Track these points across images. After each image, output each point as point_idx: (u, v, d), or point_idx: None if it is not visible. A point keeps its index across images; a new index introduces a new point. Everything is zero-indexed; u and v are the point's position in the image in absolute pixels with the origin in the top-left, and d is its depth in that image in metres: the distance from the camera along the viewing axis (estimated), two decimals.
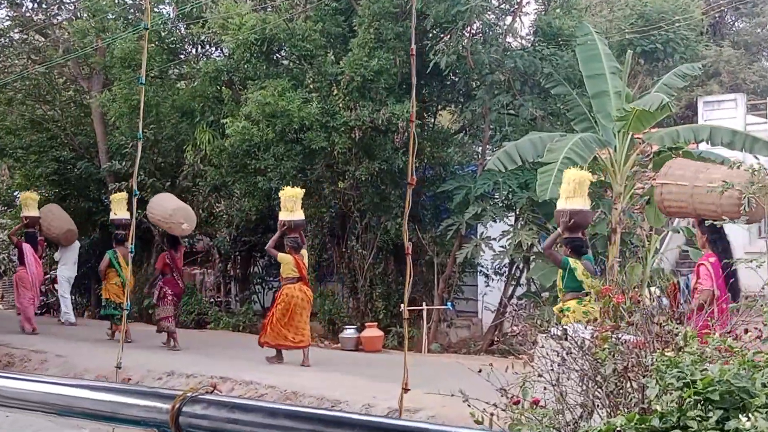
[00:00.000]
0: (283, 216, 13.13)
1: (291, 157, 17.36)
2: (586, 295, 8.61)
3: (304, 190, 13.97)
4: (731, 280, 8.08)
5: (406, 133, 16.21)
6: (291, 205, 13.13)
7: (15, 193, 26.09)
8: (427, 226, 18.26)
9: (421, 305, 16.34)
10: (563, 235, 10.17)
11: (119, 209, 16.61)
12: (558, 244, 10.39)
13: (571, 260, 9.96)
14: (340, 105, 16.82)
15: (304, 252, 13.33)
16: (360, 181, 17.35)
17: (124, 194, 17.33)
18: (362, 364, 12.62)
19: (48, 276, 21.83)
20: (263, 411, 1.41)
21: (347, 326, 16.82)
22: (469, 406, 4.79)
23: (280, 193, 13.57)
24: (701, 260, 8.78)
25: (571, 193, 10.22)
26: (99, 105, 20.48)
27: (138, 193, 4.88)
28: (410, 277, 2.32)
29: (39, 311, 21.62)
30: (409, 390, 2.06)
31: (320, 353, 13.37)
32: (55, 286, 21.36)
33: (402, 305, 15.28)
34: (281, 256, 13.11)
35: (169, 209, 15.40)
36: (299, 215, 13.24)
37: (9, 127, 23.85)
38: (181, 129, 20.34)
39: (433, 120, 19.28)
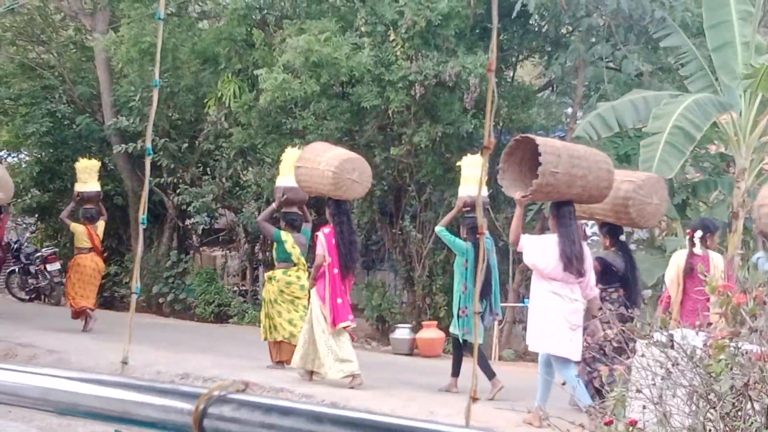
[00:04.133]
0: (78, 187, 16.28)
1: (335, 115, 17.39)
2: (294, 265, 12.68)
3: (99, 163, 17.04)
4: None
5: (478, 91, 16.14)
6: (86, 176, 16.26)
7: (1, 153, 26.52)
8: (501, 204, 18.19)
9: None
10: (281, 210, 12.93)
11: None
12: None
13: (282, 233, 12.72)
14: (398, 54, 16.77)
15: (99, 224, 16.35)
16: (419, 148, 17.34)
17: None
18: (418, 372, 12.68)
19: (39, 254, 22.22)
20: (306, 415, 1.43)
21: (400, 325, 16.88)
22: (549, 425, 4.81)
23: (76, 165, 16.79)
24: (319, 231, 11.84)
25: (286, 171, 12.63)
26: (103, 48, 20.69)
27: (152, 153, 4.91)
28: (483, 263, 2.33)
29: (28, 297, 22.08)
30: (478, 399, 2.08)
31: (367, 357, 13.44)
32: (47, 266, 21.73)
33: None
34: (73, 226, 16.21)
35: None
36: (93, 186, 16.30)
37: None
38: (203, 79, 20.49)
39: (512, 74, 19.18)
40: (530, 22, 17.90)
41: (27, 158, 25.88)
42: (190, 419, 1.53)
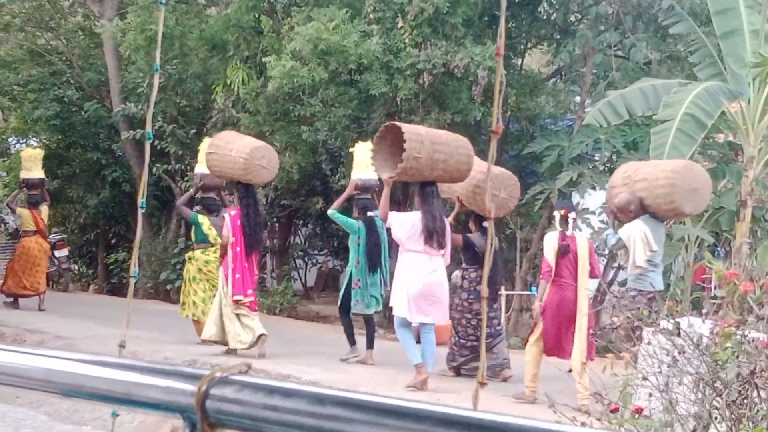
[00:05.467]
0: (23, 174, 17.57)
1: (344, 103, 17.37)
2: (212, 246, 13.57)
3: (43, 151, 18.19)
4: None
5: (487, 82, 16.11)
6: (30, 164, 17.47)
7: (10, 139, 26.56)
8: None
9: (500, 289, 16.30)
10: (199, 195, 14.03)
11: None
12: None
13: (199, 216, 13.77)
14: (406, 41, 16.72)
15: (43, 208, 17.55)
16: None
17: None
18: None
19: (48, 241, 22.27)
20: (308, 396, 1.43)
21: None
22: (555, 412, 4.81)
23: (21, 154, 18.25)
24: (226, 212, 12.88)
25: (202, 158, 13.42)
26: (111, 35, 20.69)
27: (152, 137, 4.90)
28: (491, 247, 2.32)
29: None
30: (485, 384, 2.08)
31: (376, 345, 13.45)
32: (56, 253, 21.77)
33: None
34: (19, 211, 17.56)
35: None
36: (37, 174, 17.49)
37: (4, 58, 24.21)
38: (211, 66, 20.48)
39: (520, 61, 19.14)
40: (539, 9, 17.85)
41: (35, 144, 25.93)
42: (192, 400, 1.53)
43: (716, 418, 4.76)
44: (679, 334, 5.18)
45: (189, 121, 21.70)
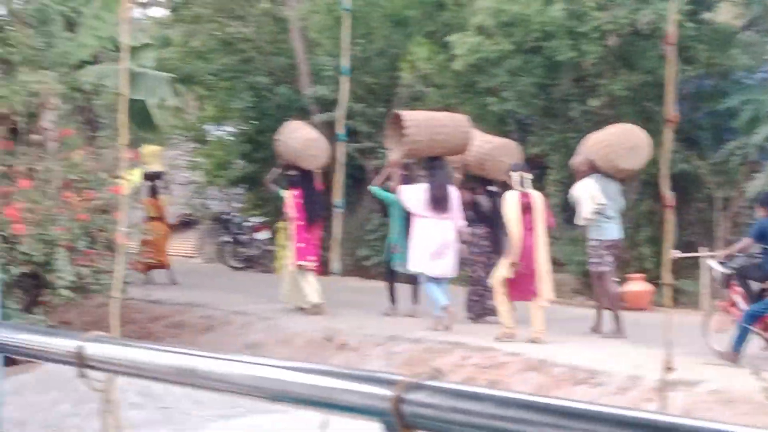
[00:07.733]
0: None
1: (529, 71, 17.30)
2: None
3: None
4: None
5: (678, 36, 15.75)
6: None
7: (206, 126, 27.50)
8: (705, 151, 17.72)
9: (698, 251, 15.94)
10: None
11: None
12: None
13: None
14: (590, 5, 16.50)
15: None
16: (617, 98, 17.07)
17: None
18: (625, 325, 12.57)
19: (248, 224, 23.04)
20: (493, 400, 1.53)
21: None
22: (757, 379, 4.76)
23: None
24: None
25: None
26: (298, 18, 21.09)
27: (345, 137, 5.07)
28: (671, 238, 2.35)
29: (241, 265, 22.98)
30: (674, 369, 2.12)
31: (571, 313, 13.44)
32: (256, 235, 22.54)
33: (673, 251, 15.08)
34: None
35: None
36: None
37: (198, 49, 25.01)
38: (394, 42, 20.66)
39: (710, 15, 18.60)
40: None
41: (231, 131, 26.78)
42: (389, 405, 1.65)
43: None
44: None
45: (377, 98, 21.95)
